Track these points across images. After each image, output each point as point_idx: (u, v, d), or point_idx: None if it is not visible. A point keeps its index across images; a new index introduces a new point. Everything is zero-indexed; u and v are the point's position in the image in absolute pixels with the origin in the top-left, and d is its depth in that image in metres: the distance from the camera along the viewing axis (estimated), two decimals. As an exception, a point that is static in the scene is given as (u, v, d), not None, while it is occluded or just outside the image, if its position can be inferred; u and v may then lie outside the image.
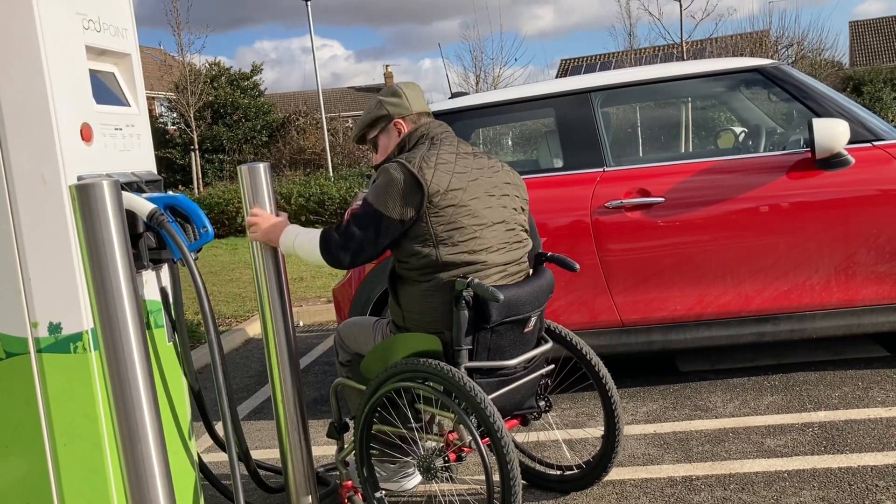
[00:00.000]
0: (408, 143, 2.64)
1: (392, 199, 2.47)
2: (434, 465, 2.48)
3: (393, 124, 2.68)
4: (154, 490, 2.11)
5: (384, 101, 2.68)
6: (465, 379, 2.40)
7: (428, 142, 2.61)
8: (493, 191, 2.61)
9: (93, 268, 2.04)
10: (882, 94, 24.23)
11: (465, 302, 2.43)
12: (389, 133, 2.69)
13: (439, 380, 2.44)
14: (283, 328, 2.78)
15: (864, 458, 2.99)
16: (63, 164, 2.20)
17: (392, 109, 2.67)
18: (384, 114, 2.68)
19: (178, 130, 26.08)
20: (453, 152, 2.58)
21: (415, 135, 2.63)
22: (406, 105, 2.66)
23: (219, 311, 7.17)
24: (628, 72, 4.29)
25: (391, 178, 2.49)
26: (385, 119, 2.68)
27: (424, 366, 2.47)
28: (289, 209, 14.07)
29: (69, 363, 2.23)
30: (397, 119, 2.67)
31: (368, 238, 2.49)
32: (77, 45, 2.31)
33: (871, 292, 3.74)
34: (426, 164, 2.49)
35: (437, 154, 2.55)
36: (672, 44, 21.37)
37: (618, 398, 2.86)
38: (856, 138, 3.74)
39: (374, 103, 2.72)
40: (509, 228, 2.62)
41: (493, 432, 2.37)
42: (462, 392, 2.39)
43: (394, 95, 2.68)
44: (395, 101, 2.67)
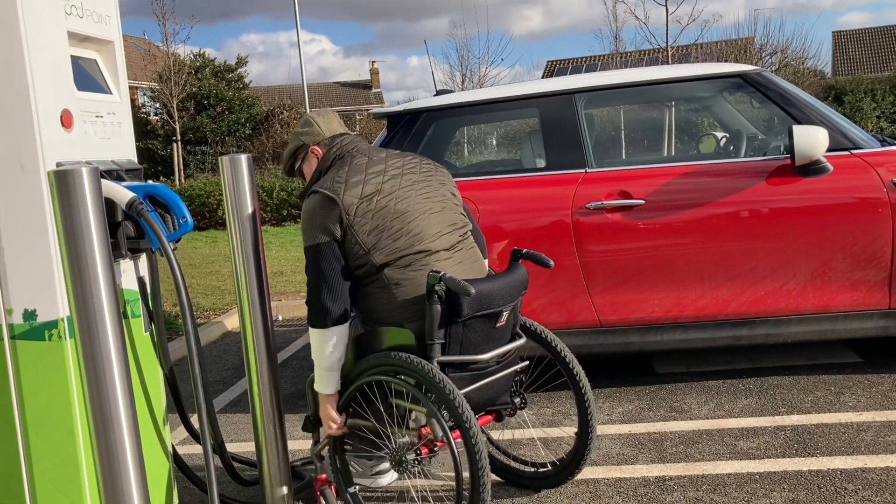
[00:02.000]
0: (323, 166, 2.76)
1: (315, 227, 2.57)
2: (406, 459, 2.51)
3: (310, 151, 2.80)
4: (127, 481, 2.09)
5: (299, 132, 2.83)
6: (435, 372, 2.44)
7: (338, 161, 2.73)
8: (415, 185, 2.69)
9: (70, 255, 2.02)
10: (863, 104, 24.49)
11: (438, 296, 2.46)
12: (309, 161, 2.82)
13: (411, 373, 2.48)
14: (262, 322, 2.76)
15: (833, 462, 3.03)
16: (42, 151, 2.18)
17: (306, 139, 2.80)
18: (300, 144, 2.81)
19: (161, 121, 25.89)
20: (364, 161, 2.69)
21: (328, 156, 2.75)
22: (318, 131, 2.79)
23: (197, 303, 7.13)
24: (612, 74, 4.32)
25: (307, 209, 2.61)
26: (303, 149, 2.82)
27: (396, 359, 2.51)
28: (270, 203, 14.04)
29: (43, 351, 2.21)
30: (312, 146, 2.79)
31: (328, 273, 2.57)
32: (59, 31, 2.29)
33: (846, 298, 3.79)
34: (337, 182, 2.60)
35: (349, 168, 2.66)
36: (658, 48, 21.49)
37: (592, 397, 2.88)
38: (835, 146, 3.79)
39: (292, 137, 2.86)
40: (441, 212, 2.69)
41: (462, 425, 2.40)
42: (433, 385, 2.43)
43: (306, 125, 2.82)
44: (307, 131, 2.81)
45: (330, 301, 2.56)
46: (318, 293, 2.57)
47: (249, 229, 2.69)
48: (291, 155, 2.87)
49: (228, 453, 2.86)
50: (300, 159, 2.86)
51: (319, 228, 2.57)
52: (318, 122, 2.83)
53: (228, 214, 2.73)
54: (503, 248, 3.96)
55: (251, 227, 2.70)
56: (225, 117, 26.01)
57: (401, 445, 2.54)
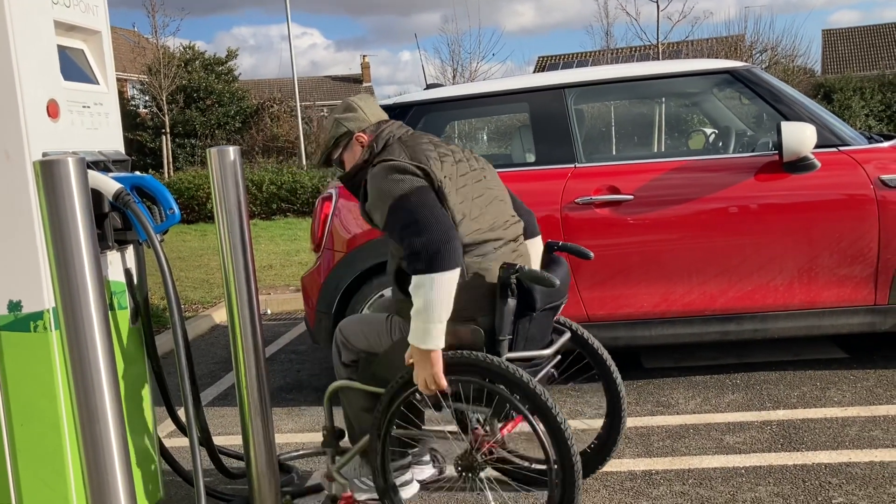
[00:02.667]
0: (375, 148, 2.57)
1: (407, 177, 2.36)
2: (478, 462, 2.45)
3: (355, 139, 2.62)
4: (112, 473, 2.09)
5: (341, 118, 2.64)
6: (516, 369, 2.34)
7: (396, 142, 2.57)
8: (480, 172, 2.59)
9: (56, 246, 2.01)
10: (851, 102, 24.61)
11: (510, 290, 2.36)
12: (352, 149, 2.64)
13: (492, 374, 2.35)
14: (249, 315, 2.76)
15: (818, 456, 3.06)
16: (28, 141, 2.16)
17: (351, 125, 2.62)
18: (344, 131, 2.63)
19: (150, 113, 25.76)
20: (427, 142, 2.56)
21: (380, 139, 2.58)
22: (363, 117, 2.63)
23: (186, 296, 7.11)
24: (602, 69, 4.32)
25: (385, 169, 2.40)
26: (346, 136, 2.63)
27: (472, 359, 2.36)
28: (260, 197, 13.99)
29: (28, 342, 2.20)
30: (358, 133, 2.62)
31: (434, 208, 2.31)
32: (45, 20, 2.27)
33: (833, 295, 3.81)
34: (413, 158, 2.44)
35: (415, 148, 2.50)
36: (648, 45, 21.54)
37: (624, 391, 2.85)
38: (823, 143, 3.80)
39: (331, 124, 2.67)
40: (505, 202, 2.61)
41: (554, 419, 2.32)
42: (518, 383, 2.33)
43: (349, 111, 2.65)
44: (351, 116, 2.63)
45: (450, 234, 2.27)
46: (434, 229, 2.26)
47: (237, 221, 2.68)
48: (333, 143, 2.65)
49: (215, 446, 2.86)
50: (342, 147, 2.65)
51: (412, 177, 2.36)
52: (363, 108, 2.65)
53: (216, 207, 2.72)
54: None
55: (239, 220, 2.69)
56: (215, 110, 25.89)
57: (468, 449, 2.46)
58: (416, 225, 2.28)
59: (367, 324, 2.71)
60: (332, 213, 4.16)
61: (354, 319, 2.78)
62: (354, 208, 4.13)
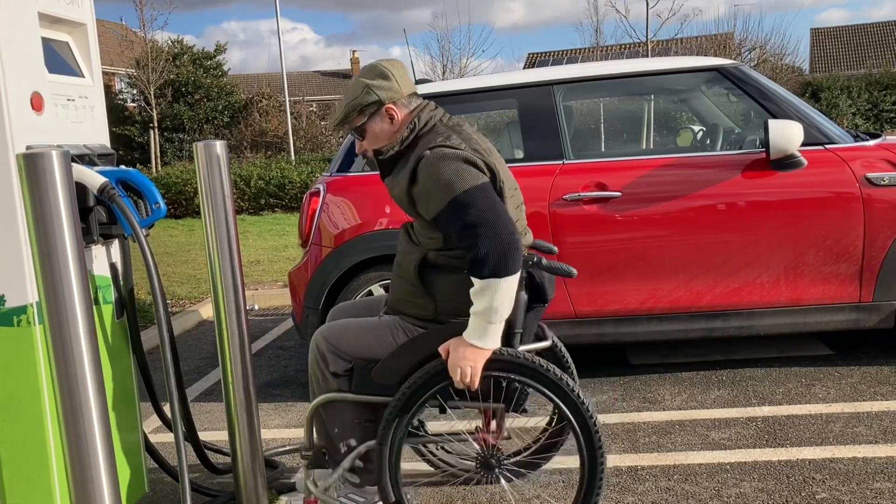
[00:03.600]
0: (416, 127, 2.41)
1: (471, 168, 2.27)
2: (498, 459, 2.42)
3: (385, 110, 2.41)
4: (96, 468, 2.08)
5: (372, 85, 2.40)
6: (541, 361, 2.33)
7: (443, 126, 2.42)
8: (510, 172, 2.52)
9: (39, 240, 2.00)
10: (839, 100, 24.75)
11: (521, 282, 2.33)
12: (380, 120, 2.43)
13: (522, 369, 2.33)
14: (236, 310, 2.75)
15: (803, 452, 3.08)
16: (11, 134, 2.15)
17: (383, 94, 2.40)
18: (374, 100, 2.40)
19: (138, 108, 25.59)
20: (476, 130, 2.46)
21: (421, 118, 2.42)
22: (397, 88, 2.41)
23: (173, 291, 7.08)
24: (591, 66, 4.32)
25: (446, 156, 2.27)
26: (375, 105, 2.41)
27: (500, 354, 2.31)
28: (248, 192, 13.94)
29: (12, 336, 2.18)
30: (388, 104, 2.41)
31: (501, 210, 2.23)
32: (29, 12, 2.25)
33: (818, 292, 3.83)
34: (473, 144, 2.34)
35: (469, 134, 2.39)
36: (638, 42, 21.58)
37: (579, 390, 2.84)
38: (809, 141, 3.82)
39: (359, 88, 2.42)
40: (522, 207, 2.56)
41: (585, 412, 2.33)
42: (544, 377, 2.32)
43: (382, 78, 2.41)
44: (385, 85, 2.40)
45: (516, 237, 2.20)
46: (501, 233, 2.18)
47: (223, 216, 2.67)
48: (358, 110, 2.42)
49: (201, 442, 2.84)
50: (367, 116, 2.42)
51: (474, 168, 2.26)
52: (397, 77, 2.41)
53: (202, 201, 2.71)
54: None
55: (225, 214, 2.67)
56: (203, 105, 25.76)
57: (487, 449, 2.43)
58: (485, 227, 2.19)
59: (361, 329, 2.53)
60: (320, 209, 4.15)
61: (341, 326, 2.56)
62: (342, 204, 4.12)
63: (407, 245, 2.50)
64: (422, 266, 2.43)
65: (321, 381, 2.55)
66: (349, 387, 2.50)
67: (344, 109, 2.46)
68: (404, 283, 2.48)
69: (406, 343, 2.42)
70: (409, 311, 2.48)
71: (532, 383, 2.34)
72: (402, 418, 2.37)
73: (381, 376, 2.43)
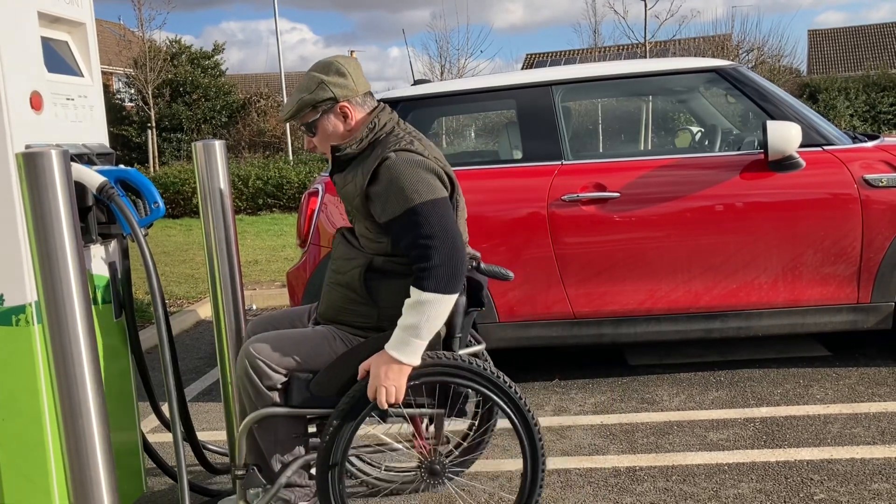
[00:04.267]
0: (376, 128, 2.38)
1: (432, 179, 2.25)
2: (443, 464, 2.40)
3: (339, 108, 2.37)
4: (95, 468, 2.08)
5: (328, 81, 2.35)
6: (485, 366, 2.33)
7: (404, 131, 2.40)
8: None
9: (38, 239, 1.99)
10: (836, 102, 24.79)
11: (464, 286, 2.33)
12: (332, 118, 2.38)
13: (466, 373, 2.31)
14: (234, 310, 2.75)
15: (801, 453, 3.08)
16: (10, 133, 2.14)
17: (338, 92, 2.35)
18: (329, 97, 2.35)
19: (136, 107, 25.57)
20: (427, 140, 2.44)
21: (381, 120, 2.39)
22: (352, 87, 2.37)
23: (171, 291, 7.07)
24: (590, 66, 4.33)
25: (411, 161, 2.25)
26: (330, 102, 2.36)
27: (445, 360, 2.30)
28: (246, 192, 13.93)
29: (11, 336, 2.18)
30: (343, 102, 2.36)
31: (454, 230, 2.22)
32: (29, 11, 2.25)
33: (816, 293, 3.83)
34: (435, 153, 2.33)
35: (429, 143, 2.38)
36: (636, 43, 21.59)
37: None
38: (808, 142, 3.83)
39: (313, 83, 2.36)
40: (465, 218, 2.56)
41: (526, 415, 2.32)
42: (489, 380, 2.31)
43: (338, 75, 2.36)
44: (340, 83, 2.35)
45: (464, 256, 2.21)
46: (453, 251, 2.18)
47: (222, 215, 2.67)
48: (310, 106, 2.37)
49: (199, 441, 2.84)
50: (320, 112, 2.37)
51: (437, 181, 2.24)
52: (353, 76, 2.37)
53: (201, 201, 2.71)
54: (479, 238, 3.96)
55: (224, 214, 2.67)
56: (201, 105, 25.73)
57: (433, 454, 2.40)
58: (439, 241, 2.18)
59: (295, 340, 2.42)
60: (319, 209, 4.15)
61: (273, 338, 2.42)
62: (341, 204, 4.12)
63: (347, 251, 2.44)
64: (367, 272, 2.37)
65: (253, 397, 2.40)
66: (285, 400, 2.39)
67: (296, 104, 2.39)
68: (344, 291, 2.41)
69: (345, 353, 2.35)
70: (347, 319, 2.41)
71: (475, 386, 2.32)
72: (344, 430, 2.29)
73: (320, 388, 2.35)
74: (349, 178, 2.40)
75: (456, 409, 2.38)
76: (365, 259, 2.38)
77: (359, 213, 2.39)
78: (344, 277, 2.41)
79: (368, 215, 2.35)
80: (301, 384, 2.37)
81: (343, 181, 2.44)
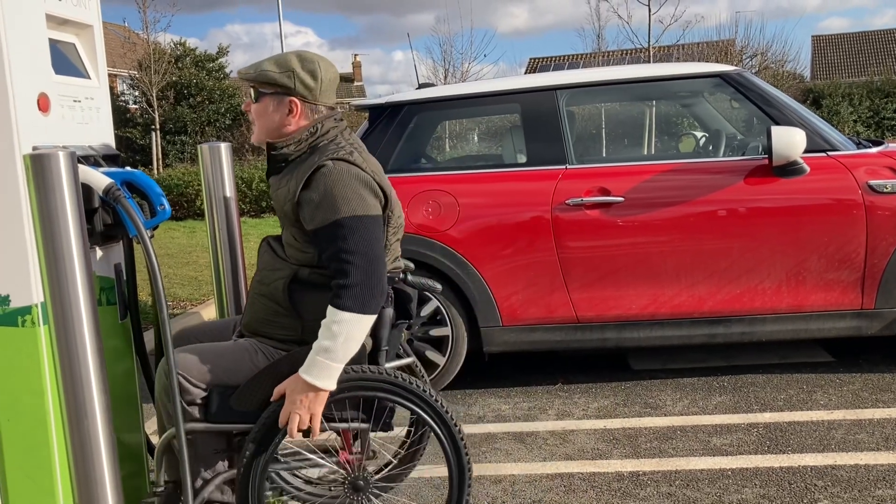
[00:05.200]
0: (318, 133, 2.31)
1: (365, 194, 2.19)
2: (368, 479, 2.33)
3: (289, 101, 2.29)
4: (100, 469, 2.08)
5: (297, 73, 2.28)
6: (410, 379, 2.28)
7: (344, 141, 2.32)
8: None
9: (45, 240, 2.00)
10: (840, 108, 24.76)
11: (388, 298, 2.30)
12: (279, 106, 2.30)
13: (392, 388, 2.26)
14: (238, 312, 2.75)
15: (804, 459, 3.07)
16: (18, 134, 2.15)
17: (299, 87, 2.28)
18: (289, 86, 2.28)
19: (140, 109, 25.63)
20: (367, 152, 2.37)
21: (325, 125, 2.32)
22: (315, 93, 2.30)
23: (174, 293, 7.08)
24: (594, 71, 4.34)
25: (344, 173, 2.20)
26: (284, 90, 2.29)
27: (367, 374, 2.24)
28: (249, 194, 13.95)
29: (16, 336, 2.18)
30: (295, 99, 2.29)
31: (378, 249, 2.17)
32: (37, 13, 2.26)
33: (820, 299, 3.83)
34: (376, 169, 2.26)
35: (370, 157, 2.31)
36: (640, 48, 21.59)
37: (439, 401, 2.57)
38: (812, 147, 3.83)
39: (286, 66, 2.29)
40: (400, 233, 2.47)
41: (451, 426, 2.29)
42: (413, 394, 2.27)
43: (311, 75, 2.29)
44: (307, 82, 2.29)
45: (382, 280, 2.16)
46: (372, 270, 2.12)
47: (227, 217, 2.68)
48: (269, 83, 2.29)
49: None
50: (270, 92, 2.30)
51: (371, 197, 2.19)
52: (323, 82, 2.31)
53: (207, 203, 2.72)
54: (483, 242, 3.96)
55: (229, 216, 2.68)
56: (205, 107, 25.78)
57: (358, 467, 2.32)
58: (361, 258, 2.13)
59: (216, 353, 2.34)
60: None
61: (193, 351, 2.35)
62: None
63: (271, 261, 2.37)
64: (291, 283, 2.30)
65: (171, 414, 2.31)
66: (204, 415, 2.30)
67: (260, 71, 2.31)
68: (267, 302, 2.34)
69: (267, 366, 2.28)
70: (270, 331, 2.35)
71: (400, 401, 2.27)
72: (265, 445, 2.23)
73: (240, 402, 2.27)
74: (283, 182, 2.33)
75: (381, 423, 2.32)
76: (290, 270, 2.31)
77: (287, 218, 2.31)
78: (268, 288, 2.34)
79: (296, 222, 2.28)
80: (221, 399, 2.30)
81: (277, 184, 2.37)
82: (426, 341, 4.09)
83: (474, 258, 3.94)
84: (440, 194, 4.01)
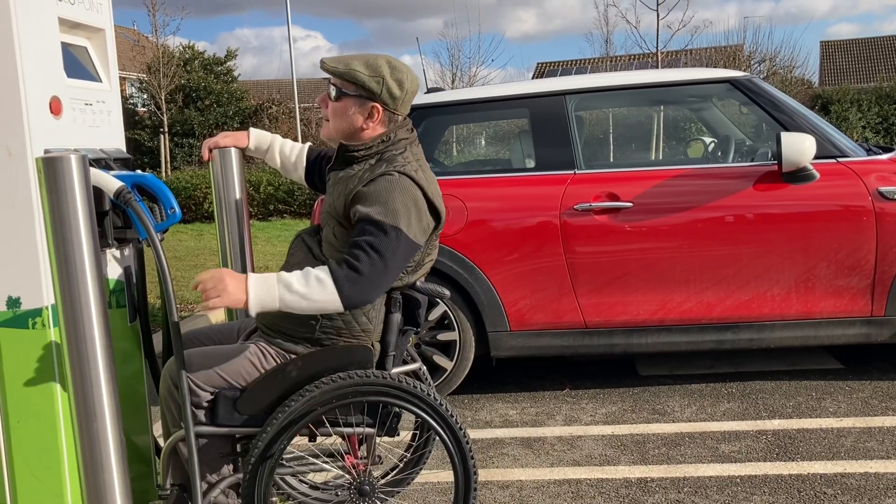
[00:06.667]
0: (389, 142, 2.34)
1: (417, 221, 2.23)
2: (373, 483, 2.33)
3: (371, 106, 2.29)
4: (109, 470, 2.08)
5: (387, 81, 2.29)
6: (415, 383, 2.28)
7: (412, 156, 2.34)
8: None
9: (56, 243, 2.01)
10: (849, 113, 24.66)
11: (397, 303, 2.32)
12: (361, 109, 2.30)
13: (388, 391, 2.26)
14: (246, 315, 2.75)
15: (813, 466, 3.06)
16: (30, 137, 2.16)
17: (384, 95, 2.29)
18: (375, 92, 2.28)
19: (149, 112, 25.72)
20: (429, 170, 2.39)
21: (398, 136, 2.34)
22: (399, 103, 2.32)
23: (182, 296, 7.10)
24: (603, 76, 4.33)
25: (406, 192, 2.22)
26: (369, 94, 2.29)
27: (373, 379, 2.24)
28: (257, 197, 13.97)
29: (27, 339, 2.19)
30: (378, 105, 2.29)
31: (396, 266, 2.20)
32: (49, 17, 2.27)
33: (829, 305, 3.82)
34: (430, 189, 2.28)
35: (432, 178, 2.33)
36: (648, 53, 21.56)
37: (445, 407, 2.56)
38: (822, 154, 3.82)
39: (376, 70, 2.29)
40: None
41: (457, 431, 2.28)
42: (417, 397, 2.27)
43: (398, 85, 2.30)
44: (394, 90, 2.30)
45: (379, 290, 2.20)
46: (381, 277, 2.17)
47: (237, 221, 2.69)
48: (357, 83, 2.28)
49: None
50: (354, 94, 2.29)
51: (417, 223, 2.22)
52: (406, 94, 2.32)
53: (216, 206, 2.72)
54: (491, 247, 3.96)
55: (239, 219, 2.69)
56: (213, 110, 25.85)
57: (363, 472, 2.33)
58: (382, 261, 2.16)
59: (224, 356, 2.35)
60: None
61: (199, 354, 2.35)
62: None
63: (305, 258, 2.36)
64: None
65: (177, 415, 2.34)
66: (211, 418, 2.30)
67: (349, 69, 2.30)
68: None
69: (274, 369, 2.29)
70: (285, 326, 2.34)
71: (405, 405, 2.26)
72: (272, 448, 2.22)
73: (247, 406, 2.28)
74: (343, 178, 2.34)
75: (387, 428, 2.33)
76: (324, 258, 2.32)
77: (335, 215, 2.32)
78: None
79: (344, 219, 2.28)
80: (228, 402, 2.29)
81: (336, 178, 2.38)
82: (433, 345, 4.09)
83: (482, 263, 3.94)
84: (448, 199, 4.00)
